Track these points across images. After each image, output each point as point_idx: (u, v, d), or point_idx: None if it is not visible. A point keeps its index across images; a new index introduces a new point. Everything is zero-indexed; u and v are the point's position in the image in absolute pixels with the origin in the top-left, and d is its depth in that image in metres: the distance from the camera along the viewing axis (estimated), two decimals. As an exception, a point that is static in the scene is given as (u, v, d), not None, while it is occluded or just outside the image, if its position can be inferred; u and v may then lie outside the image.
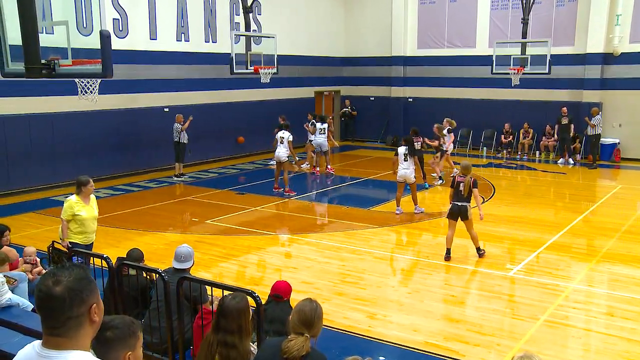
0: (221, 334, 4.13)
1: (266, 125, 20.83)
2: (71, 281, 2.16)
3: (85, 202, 7.71)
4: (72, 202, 7.63)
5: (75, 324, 2.16)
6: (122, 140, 16.47)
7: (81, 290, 2.17)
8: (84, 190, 7.66)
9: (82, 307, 2.17)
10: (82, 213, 7.63)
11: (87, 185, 7.66)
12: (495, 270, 9.24)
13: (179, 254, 6.05)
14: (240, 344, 4.11)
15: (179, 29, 18.13)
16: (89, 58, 6.18)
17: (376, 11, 24.26)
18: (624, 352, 6.45)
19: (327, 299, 7.85)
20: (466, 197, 9.46)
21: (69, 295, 2.14)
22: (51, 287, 2.14)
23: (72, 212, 7.59)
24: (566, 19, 20.58)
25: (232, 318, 4.13)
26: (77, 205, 7.63)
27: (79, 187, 7.67)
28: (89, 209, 7.76)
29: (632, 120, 19.78)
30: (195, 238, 10.88)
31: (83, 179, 7.70)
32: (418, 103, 23.75)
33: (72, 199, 7.67)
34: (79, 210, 7.62)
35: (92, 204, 7.85)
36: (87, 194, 7.70)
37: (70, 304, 2.14)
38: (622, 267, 9.39)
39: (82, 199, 7.69)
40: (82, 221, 7.65)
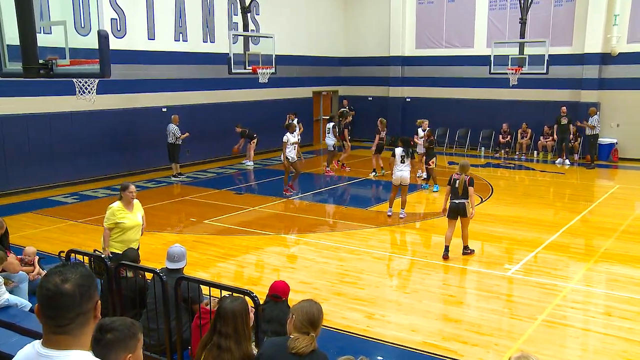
0: (216, 336, 4.12)
1: (264, 125, 20.86)
2: (79, 278, 2.18)
3: (129, 209, 7.32)
4: (115, 209, 7.24)
5: (82, 321, 2.18)
6: (120, 140, 16.46)
7: (89, 286, 2.20)
8: (124, 195, 7.29)
9: (90, 303, 2.21)
10: (125, 221, 7.23)
11: (126, 191, 7.28)
12: (493, 270, 9.24)
13: (172, 254, 6.03)
14: (237, 348, 4.06)
15: (177, 29, 18.12)
16: (87, 58, 6.17)
17: (374, 11, 24.27)
18: (622, 352, 6.46)
19: (325, 298, 7.85)
20: (462, 195, 9.55)
21: (80, 292, 2.16)
22: (60, 284, 2.14)
23: (115, 220, 7.20)
24: (564, 19, 20.60)
25: (228, 321, 4.10)
26: (119, 213, 7.22)
27: (120, 192, 7.36)
28: (133, 216, 7.35)
29: (629, 120, 19.81)
30: (193, 238, 10.88)
31: (124, 183, 7.42)
32: (416, 103, 23.75)
33: (114, 205, 7.30)
34: (121, 217, 7.21)
35: (137, 210, 7.45)
36: (128, 199, 7.30)
37: (81, 300, 2.16)
38: (620, 267, 9.40)
39: (125, 205, 7.29)
40: (124, 229, 7.25)
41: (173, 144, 16.50)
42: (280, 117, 21.31)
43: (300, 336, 3.69)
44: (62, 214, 12.72)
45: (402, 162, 12.18)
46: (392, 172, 12.36)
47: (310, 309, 3.81)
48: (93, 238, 10.99)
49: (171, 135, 16.41)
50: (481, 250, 10.58)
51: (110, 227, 7.19)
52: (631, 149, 19.88)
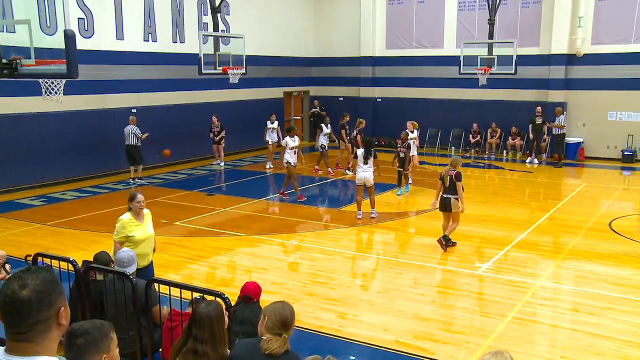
0: (191, 341, 4.08)
1: (235, 126, 20.76)
2: (38, 284, 2.11)
3: (139, 220, 6.87)
4: (125, 221, 6.78)
5: (42, 328, 2.11)
6: (89, 142, 16.20)
7: (49, 293, 2.12)
8: (133, 206, 6.84)
9: (50, 311, 2.12)
10: (137, 233, 6.78)
11: (134, 201, 6.83)
12: (464, 269, 9.34)
13: (121, 259, 5.92)
14: (213, 353, 4.04)
15: (147, 29, 17.92)
16: (53, 58, 6.08)
17: (344, 12, 24.34)
18: (588, 347, 6.58)
19: (297, 299, 7.85)
20: (449, 189, 10.01)
21: (37, 299, 2.08)
22: (17, 290, 2.08)
23: (125, 233, 6.75)
24: (531, 20, 20.93)
25: (204, 326, 4.06)
26: (130, 225, 6.78)
27: (128, 203, 6.90)
28: (144, 227, 6.90)
29: (595, 120, 20.23)
30: (163, 240, 10.76)
31: (132, 193, 6.95)
32: (387, 103, 23.90)
33: (124, 218, 6.84)
34: (132, 230, 6.76)
35: (147, 220, 7.00)
36: (137, 210, 6.85)
37: (39, 307, 2.09)
38: (586, 264, 9.58)
39: (134, 216, 6.85)
40: (136, 242, 6.75)
41: (134, 146, 15.88)
42: (251, 118, 21.29)
43: (272, 337, 3.71)
44: (29, 216, 12.48)
45: (365, 163, 12.07)
46: (356, 173, 12.32)
47: (282, 310, 3.83)
48: (61, 241, 10.83)
49: (131, 137, 15.78)
50: (452, 249, 10.69)
51: (121, 241, 6.74)
52: (597, 148, 20.31)
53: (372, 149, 12.18)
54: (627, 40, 19.45)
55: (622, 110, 19.90)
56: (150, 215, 7.12)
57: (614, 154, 19.96)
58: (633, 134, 19.65)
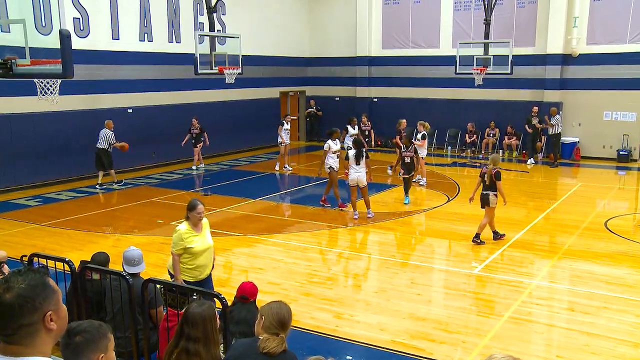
0: (184, 341, 4.08)
1: (231, 126, 20.77)
2: (23, 288, 2.06)
3: (197, 231, 6.45)
4: (182, 232, 6.35)
5: (27, 333, 2.07)
6: (84, 142, 16.11)
7: (33, 298, 2.07)
8: (191, 216, 6.41)
9: (35, 315, 2.07)
10: (195, 244, 6.37)
11: (194, 211, 6.38)
12: (460, 269, 9.35)
13: (131, 257, 5.93)
14: (206, 352, 4.04)
15: (142, 29, 17.89)
16: (48, 58, 6.06)
17: (341, 11, 24.34)
18: (584, 346, 6.60)
19: (294, 299, 7.84)
20: (489, 187, 10.49)
21: (19, 303, 2.04)
22: (1, 294, 2.05)
23: (183, 244, 6.34)
24: (527, 20, 20.97)
25: (196, 326, 4.07)
26: (188, 236, 6.36)
27: (187, 212, 6.47)
28: (202, 238, 6.49)
29: (590, 120, 20.28)
30: (160, 240, 10.75)
31: (191, 202, 6.48)
32: (383, 103, 23.90)
33: (181, 228, 6.40)
34: (190, 241, 6.36)
35: (205, 231, 6.59)
36: (196, 220, 6.43)
37: (20, 311, 2.04)
38: (582, 263, 9.61)
39: (192, 226, 6.43)
40: (194, 254, 6.39)
41: (105, 150, 15.13)
42: (247, 118, 21.28)
43: (270, 337, 3.70)
44: (25, 217, 12.44)
45: (357, 164, 12.00)
46: (348, 174, 12.20)
47: (280, 310, 3.83)
48: (57, 241, 10.81)
49: (104, 141, 15.09)
50: (448, 248, 10.71)
51: (179, 253, 6.38)
52: (592, 147, 20.36)
53: (363, 150, 12.14)
54: (622, 40, 19.50)
55: (617, 110, 19.96)
56: (208, 224, 6.74)
57: (610, 153, 20.02)
58: (628, 134, 19.71)
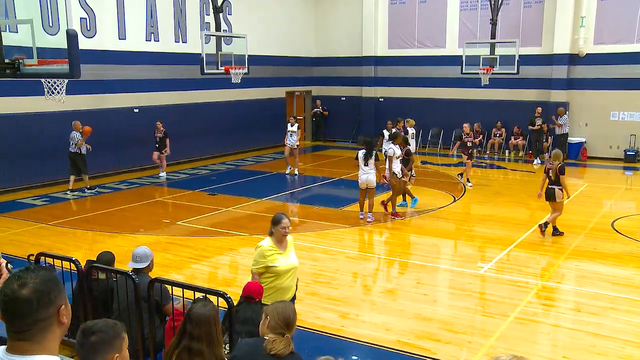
0: (187, 340, 4.09)
1: (237, 126, 20.80)
2: (38, 283, 2.10)
3: (281, 248, 5.89)
4: (264, 249, 5.81)
5: (42, 327, 2.11)
6: (91, 141, 16.15)
7: (49, 292, 2.12)
8: (276, 231, 5.87)
9: (50, 309, 2.12)
10: (278, 263, 5.80)
11: (278, 225, 5.84)
12: (466, 269, 9.33)
13: (135, 254, 5.97)
14: (209, 352, 4.04)
15: (149, 29, 17.93)
16: (55, 58, 6.08)
17: (347, 11, 24.33)
18: (590, 347, 6.58)
19: (299, 299, 7.81)
20: (555, 181, 10.86)
21: (36, 297, 2.08)
22: (17, 290, 2.08)
23: (265, 263, 5.78)
24: (533, 20, 20.91)
25: (200, 325, 4.08)
26: (271, 253, 5.80)
27: (271, 226, 5.94)
28: (286, 257, 5.91)
29: (597, 120, 20.21)
30: (166, 239, 10.78)
31: (277, 215, 5.93)
32: (389, 103, 23.88)
33: (264, 244, 5.87)
34: (273, 260, 5.78)
35: (290, 249, 6.03)
36: (280, 235, 5.88)
37: (38, 306, 2.09)
38: (588, 264, 9.57)
39: (276, 243, 5.87)
40: (277, 274, 5.80)
41: (77, 154, 14.37)
42: (253, 118, 21.30)
43: (277, 338, 3.69)
44: (32, 216, 12.49)
45: (365, 165, 11.79)
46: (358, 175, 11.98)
47: (285, 310, 3.82)
48: (63, 241, 10.85)
49: (72, 144, 14.36)
50: (454, 248, 10.69)
51: (260, 272, 5.82)
52: (599, 148, 20.28)
53: (373, 150, 11.94)
54: (630, 40, 19.42)
55: (624, 110, 19.88)
56: (293, 242, 6.17)
57: (617, 153, 19.94)
58: (635, 134, 19.63)
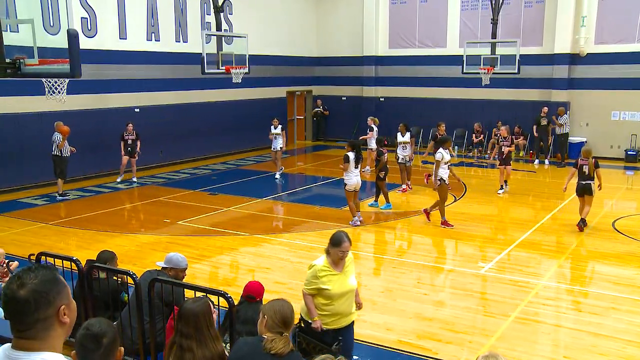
0: (178, 337, 4.11)
1: (238, 125, 20.80)
2: (36, 283, 2.12)
3: (337, 269, 5.37)
4: (318, 268, 5.33)
5: (43, 327, 2.13)
6: (91, 141, 16.18)
7: (47, 293, 2.13)
8: (333, 252, 5.33)
9: (49, 310, 2.13)
10: (332, 287, 5.29)
11: (337, 248, 5.28)
12: (467, 269, 9.33)
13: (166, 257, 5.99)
14: (198, 348, 4.02)
15: (149, 29, 17.94)
16: (56, 57, 6.09)
17: (347, 11, 24.34)
18: (591, 347, 6.57)
19: (300, 299, 7.81)
20: (590, 176, 11.12)
21: (34, 298, 2.10)
22: (15, 290, 2.10)
23: (317, 285, 5.30)
24: (534, 20, 20.91)
25: (188, 321, 4.08)
26: (325, 274, 5.31)
27: (329, 245, 5.39)
28: (342, 279, 5.37)
29: (598, 120, 20.21)
30: (167, 239, 10.79)
31: (337, 236, 5.34)
32: (390, 103, 23.88)
33: (318, 264, 5.39)
34: (326, 281, 5.28)
35: (348, 270, 5.46)
36: (338, 257, 5.35)
37: (36, 306, 2.10)
38: (589, 264, 9.57)
39: (331, 264, 5.36)
40: (330, 297, 5.31)
41: (57, 157, 13.82)
42: (253, 117, 21.28)
43: (275, 336, 3.69)
44: (32, 216, 12.50)
45: (355, 167, 11.44)
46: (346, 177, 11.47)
47: (282, 308, 3.82)
48: (64, 240, 10.87)
49: (54, 146, 13.83)
50: (455, 248, 10.69)
51: (312, 294, 5.36)
52: (600, 147, 20.20)
53: (360, 152, 11.58)
54: (631, 40, 19.41)
55: (625, 110, 19.88)
56: (353, 263, 5.62)
57: (618, 153, 19.93)
58: (636, 134, 19.63)
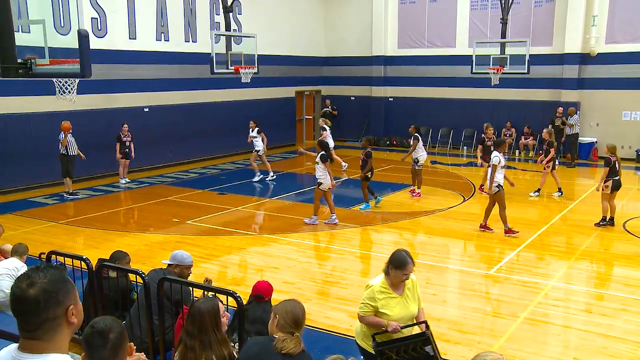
0: (185, 334, 4.13)
1: (247, 125, 20.78)
2: (46, 283, 2.11)
3: (397, 292, 4.80)
4: (376, 289, 4.78)
5: (51, 327, 2.12)
6: (101, 141, 16.25)
7: (56, 292, 2.13)
8: (394, 274, 4.74)
9: (58, 309, 2.13)
10: (391, 311, 4.73)
11: (399, 270, 4.70)
12: (476, 269, 9.30)
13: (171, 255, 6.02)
14: (201, 350, 4.01)
15: (159, 29, 18.00)
16: (66, 57, 6.12)
17: (356, 11, 24.32)
18: (601, 348, 6.54)
19: (308, 298, 7.85)
20: (618, 172, 11.37)
21: (44, 297, 2.09)
22: (25, 289, 2.10)
23: (375, 307, 4.75)
24: (544, 19, 20.81)
25: (193, 320, 4.09)
26: (383, 297, 4.75)
27: (389, 266, 4.78)
28: (401, 304, 4.79)
29: (609, 120, 20.08)
30: (176, 239, 10.82)
31: (399, 256, 4.74)
32: (398, 103, 23.86)
33: (375, 284, 4.84)
34: (384, 305, 4.73)
35: (410, 293, 4.87)
36: (399, 280, 4.75)
37: (45, 306, 2.09)
38: (599, 265, 9.51)
39: (392, 285, 4.79)
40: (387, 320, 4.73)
41: (64, 156, 13.97)
42: (262, 117, 21.25)
43: (287, 336, 3.67)
44: (42, 215, 12.57)
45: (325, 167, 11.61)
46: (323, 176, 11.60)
47: (294, 309, 3.81)
48: (74, 239, 10.93)
49: (59, 144, 13.96)
50: (463, 249, 10.66)
51: (366, 314, 4.82)
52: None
53: (327, 153, 11.69)
54: (642, 39, 19.28)
55: (636, 109, 19.74)
56: (416, 285, 5.00)
57: (628, 154, 19.77)
58: (648, 134, 19.49)
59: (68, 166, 14.11)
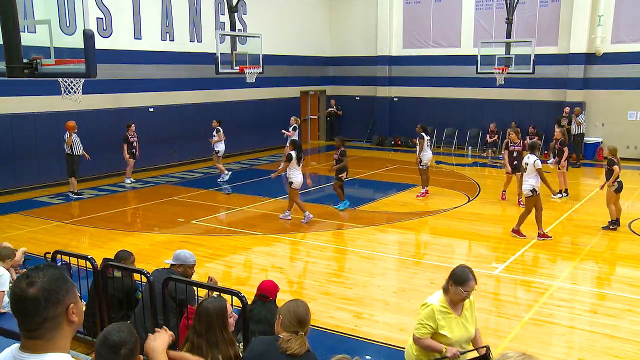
0: (191, 332, 4.14)
1: (252, 125, 20.85)
2: (45, 282, 2.11)
3: (456, 311, 4.56)
4: (436, 308, 4.50)
5: (52, 325, 2.12)
6: (107, 140, 16.30)
7: (57, 291, 2.12)
8: (454, 291, 4.50)
9: (59, 308, 2.12)
10: (450, 333, 4.50)
11: (461, 287, 4.46)
12: (480, 269, 9.27)
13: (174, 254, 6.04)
14: (207, 349, 4.02)
15: (164, 29, 18.03)
16: (72, 57, 6.13)
17: (361, 11, 24.31)
18: (607, 349, 6.52)
19: (313, 298, 7.86)
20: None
21: (44, 296, 2.09)
22: (25, 289, 2.09)
23: (432, 328, 4.49)
24: (550, 19, 20.75)
25: (201, 319, 4.10)
26: (442, 317, 4.49)
27: (449, 282, 4.56)
28: (460, 325, 4.56)
29: (614, 120, 20.01)
30: (180, 238, 10.84)
31: (461, 272, 4.53)
32: (403, 103, 23.83)
33: (434, 303, 4.55)
34: (444, 325, 4.48)
35: (469, 313, 4.66)
36: (460, 298, 4.52)
37: (46, 304, 2.09)
38: (604, 265, 9.48)
39: (450, 303, 4.55)
40: (446, 344, 4.49)
41: (69, 155, 14.00)
42: (267, 117, 21.34)
43: (291, 336, 3.67)
44: (48, 214, 12.61)
45: (298, 165, 11.77)
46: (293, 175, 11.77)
47: (297, 308, 3.81)
48: (78, 239, 10.95)
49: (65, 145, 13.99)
50: (468, 249, 10.64)
51: (422, 337, 4.53)
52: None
53: (300, 153, 11.84)
54: (648, 39, 19.21)
55: (642, 110, 19.68)
56: (474, 303, 4.80)
57: (634, 154, 19.72)
58: (653, 134, 19.41)
59: (73, 166, 14.17)
